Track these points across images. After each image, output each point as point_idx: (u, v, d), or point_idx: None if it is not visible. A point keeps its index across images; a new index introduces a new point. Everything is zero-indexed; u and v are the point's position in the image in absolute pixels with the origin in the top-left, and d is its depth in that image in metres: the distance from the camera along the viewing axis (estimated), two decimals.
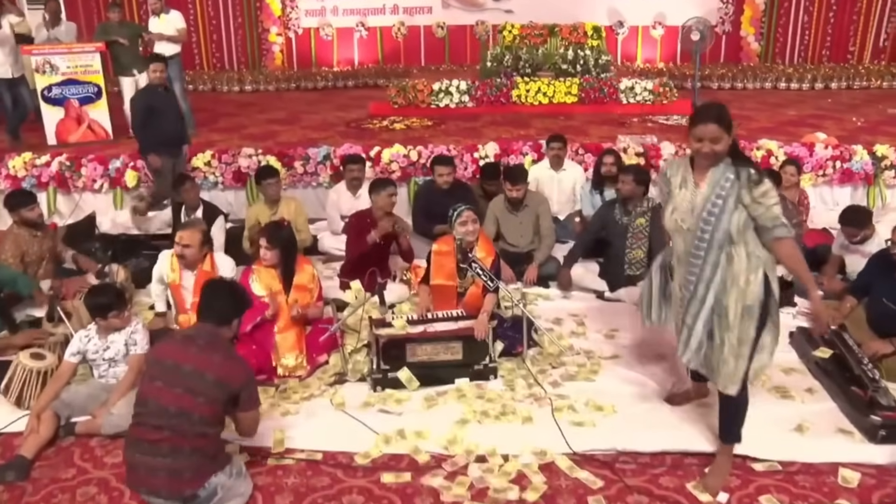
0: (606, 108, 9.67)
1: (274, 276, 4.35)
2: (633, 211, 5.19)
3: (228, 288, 3.32)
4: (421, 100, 9.68)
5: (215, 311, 3.14)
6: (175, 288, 4.50)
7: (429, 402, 3.91)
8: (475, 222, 4.45)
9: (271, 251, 4.29)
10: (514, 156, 7.01)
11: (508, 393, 3.98)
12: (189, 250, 4.36)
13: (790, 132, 8.30)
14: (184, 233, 4.39)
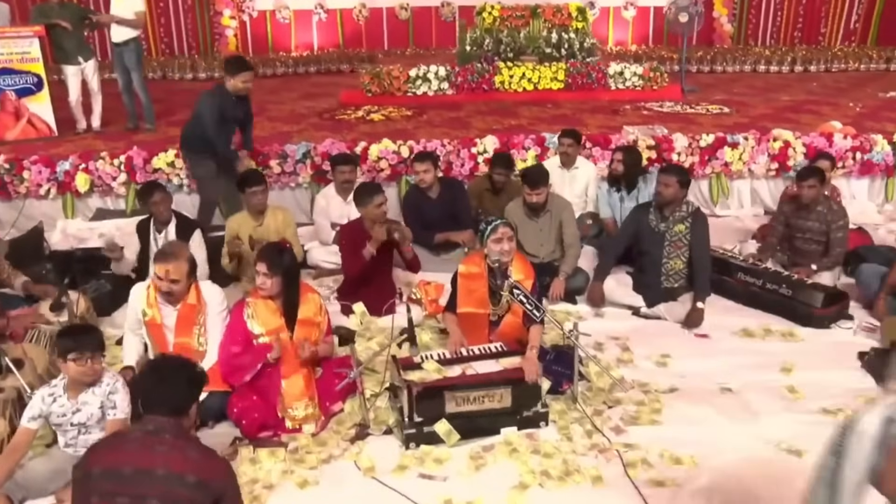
0: (594, 94, 9.10)
1: (274, 309, 3.62)
2: (671, 216, 4.62)
3: (181, 369, 2.53)
4: (397, 87, 8.95)
5: (170, 400, 2.41)
6: (155, 327, 3.70)
7: (475, 460, 3.27)
8: (511, 240, 3.80)
9: (272, 279, 3.56)
10: (516, 150, 6.37)
11: (566, 444, 3.38)
12: (177, 286, 3.58)
13: (791, 119, 7.88)
14: (168, 265, 3.56)
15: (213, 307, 3.69)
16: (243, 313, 3.60)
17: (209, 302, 3.71)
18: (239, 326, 3.57)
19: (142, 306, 3.70)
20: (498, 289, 3.84)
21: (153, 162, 6.30)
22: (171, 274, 3.53)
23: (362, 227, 4.58)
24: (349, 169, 5.38)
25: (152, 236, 4.74)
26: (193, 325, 3.63)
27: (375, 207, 4.51)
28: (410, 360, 3.55)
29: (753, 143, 6.42)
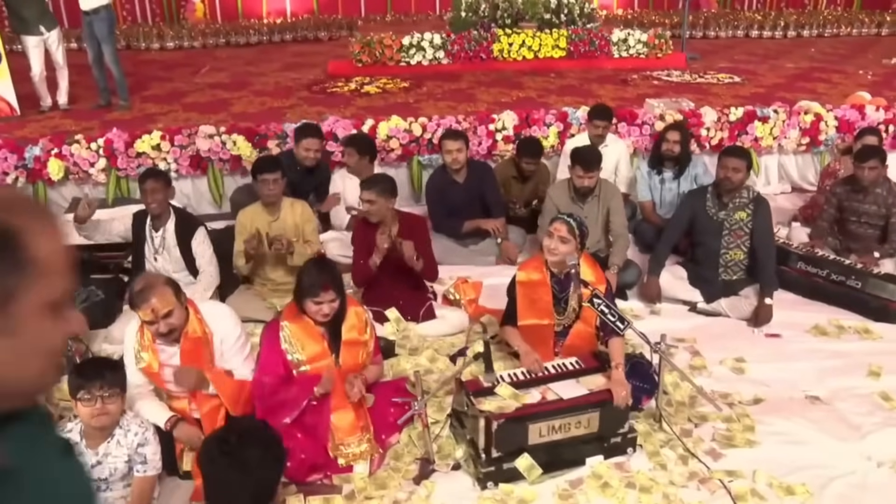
0: (597, 62, 8.65)
1: (315, 331, 3.10)
2: (731, 203, 4.22)
3: (260, 447, 1.99)
4: (389, 57, 8.35)
5: (255, 493, 1.90)
6: (153, 377, 3.00)
7: (564, 499, 2.85)
8: (565, 242, 3.29)
9: (336, 301, 3.03)
10: (538, 127, 5.89)
11: (661, 474, 2.98)
12: (174, 318, 2.87)
13: (806, 88, 7.58)
14: (150, 301, 2.78)
15: (228, 334, 3.08)
16: (279, 339, 3.06)
17: (218, 329, 3.06)
18: (275, 356, 3.04)
19: (134, 352, 3.00)
20: (566, 297, 3.39)
21: (136, 145, 5.64)
22: (159, 309, 2.82)
23: (374, 228, 4.01)
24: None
25: (148, 234, 4.15)
26: (203, 362, 3.02)
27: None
28: (479, 384, 3.09)
29: (784, 116, 6.04)
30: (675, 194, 5.11)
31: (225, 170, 5.76)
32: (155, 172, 4.30)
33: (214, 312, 3.09)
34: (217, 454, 1.93)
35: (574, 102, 6.83)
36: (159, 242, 4.11)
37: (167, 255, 4.11)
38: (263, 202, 4.19)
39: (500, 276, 4.64)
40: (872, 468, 3.03)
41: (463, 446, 3.09)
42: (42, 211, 0.91)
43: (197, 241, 4.07)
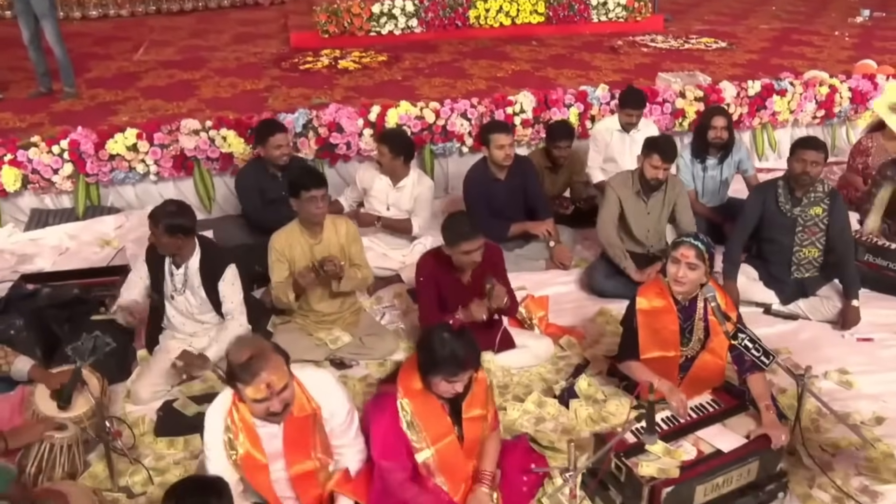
0: (576, 27, 8.27)
1: (438, 406, 2.60)
2: (806, 198, 3.96)
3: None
4: (358, 26, 7.65)
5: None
6: (255, 470, 2.45)
7: None
8: (694, 269, 2.92)
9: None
10: (557, 108, 5.46)
11: None
12: (286, 395, 2.34)
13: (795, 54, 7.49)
14: (266, 373, 2.27)
15: (339, 408, 2.55)
16: (398, 419, 2.55)
17: (327, 403, 2.52)
18: (394, 438, 2.55)
19: (222, 441, 2.43)
20: (691, 326, 3.05)
21: (108, 146, 4.86)
22: (275, 384, 2.29)
23: (447, 264, 3.47)
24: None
25: (167, 271, 3.49)
26: (310, 443, 2.51)
27: (463, 254, 3.36)
28: (619, 437, 2.71)
29: (801, 89, 5.85)
30: (718, 182, 4.84)
31: (213, 169, 5.08)
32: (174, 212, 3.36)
33: (319, 382, 2.56)
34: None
35: (575, 76, 6.47)
36: (181, 281, 3.48)
37: (191, 297, 3.50)
38: (305, 223, 3.57)
39: (555, 285, 4.29)
40: None
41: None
42: None
43: (226, 281, 3.44)
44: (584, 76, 6.49)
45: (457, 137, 5.36)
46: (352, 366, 3.63)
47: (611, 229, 4.18)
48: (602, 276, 4.17)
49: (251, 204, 4.45)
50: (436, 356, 2.45)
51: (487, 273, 3.49)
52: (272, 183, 4.42)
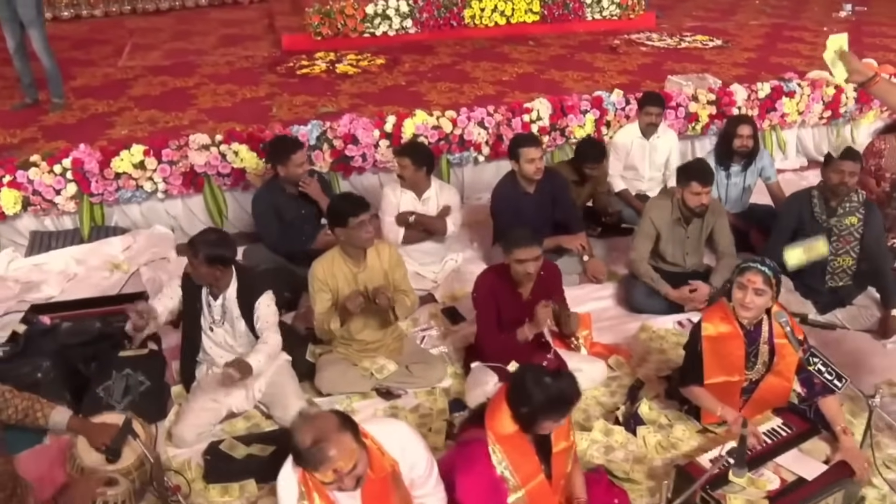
0: (571, 26, 8.19)
1: (527, 445, 2.50)
2: (841, 208, 3.96)
3: None
4: (352, 28, 7.46)
5: None
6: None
7: None
8: (761, 294, 2.90)
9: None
10: (574, 115, 5.39)
11: None
12: (361, 468, 2.17)
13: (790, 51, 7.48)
14: (334, 461, 2.09)
15: (419, 459, 2.40)
16: (491, 465, 2.43)
17: (405, 457, 2.38)
18: (490, 489, 2.44)
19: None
20: (755, 350, 3.00)
21: (113, 164, 4.64)
22: (343, 468, 2.13)
23: (507, 278, 3.43)
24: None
25: (204, 302, 3.34)
26: (391, 501, 2.37)
27: (517, 262, 3.33)
28: (702, 469, 2.66)
29: (808, 90, 5.87)
30: (741, 189, 4.83)
31: (224, 185, 4.89)
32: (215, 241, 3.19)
33: (394, 436, 2.41)
34: None
35: (581, 79, 6.40)
36: (219, 313, 3.33)
37: (230, 329, 3.35)
38: (349, 250, 3.41)
39: (591, 301, 4.23)
40: None
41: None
42: None
43: (262, 304, 3.30)
44: (589, 78, 6.42)
45: (474, 146, 5.26)
46: (400, 395, 3.52)
47: (645, 261, 4.13)
48: (642, 294, 4.11)
49: (270, 228, 4.25)
50: (543, 402, 2.36)
51: (547, 290, 3.46)
52: (290, 203, 4.25)
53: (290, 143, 4.26)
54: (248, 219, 4.98)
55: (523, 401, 2.39)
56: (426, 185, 4.33)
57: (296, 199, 4.25)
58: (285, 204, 4.24)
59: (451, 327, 4.03)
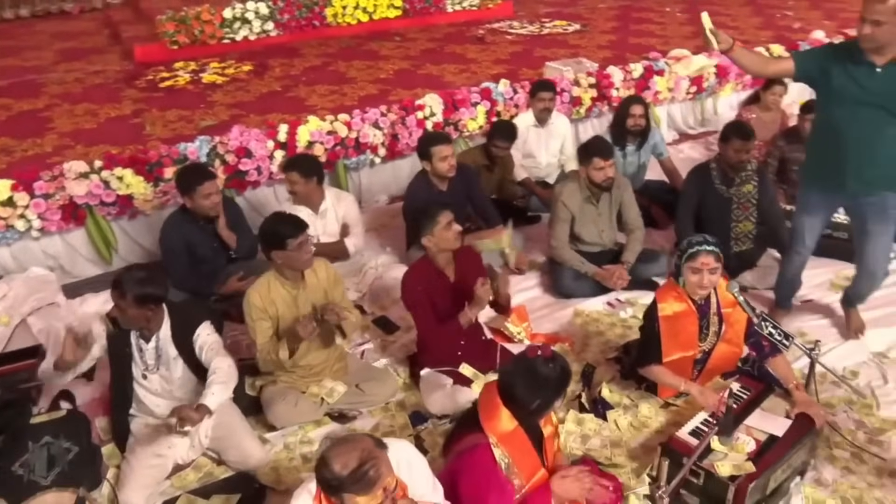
0: (433, 19, 8.20)
1: (526, 440, 2.48)
2: (738, 178, 4.23)
3: None
4: (210, 34, 7.02)
5: None
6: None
7: None
8: (715, 272, 3.03)
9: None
10: (466, 109, 5.38)
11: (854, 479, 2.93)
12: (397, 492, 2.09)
13: (643, 31, 7.89)
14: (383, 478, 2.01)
15: (416, 463, 2.33)
16: (496, 464, 2.39)
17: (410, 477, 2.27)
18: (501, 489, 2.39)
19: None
20: (707, 322, 3.13)
21: None
22: (391, 484, 2.04)
23: (431, 269, 3.41)
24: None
25: (134, 346, 3.02)
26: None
27: (444, 229, 3.34)
28: (684, 443, 2.75)
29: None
30: (637, 167, 5.04)
31: (110, 215, 4.45)
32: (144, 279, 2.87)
33: (401, 454, 2.27)
34: None
35: (458, 71, 6.42)
36: (152, 358, 3.02)
37: (166, 373, 3.05)
38: (287, 273, 3.19)
39: (519, 292, 4.24)
40: None
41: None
42: None
43: (203, 333, 3.04)
44: (466, 70, 6.45)
45: (370, 149, 5.12)
46: (355, 416, 3.36)
47: (566, 246, 4.21)
48: (570, 279, 4.18)
49: (178, 265, 3.87)
50: (554, 386, 2.39)
51: (471, 270, 3.43)
52: (202, 237, 3.91)
53: (195, 172, 3.91)
54: (141, 250, 4.60)
55: (535, 392, 2.38)
56: (320, 197, 4.18)
57: (208, 232, 3.93)
58: (197, 238, 3.89)
59: (388, 338, 3.91)
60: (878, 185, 3.25)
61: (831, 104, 3.21)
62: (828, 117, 3.25)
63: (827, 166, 3.32)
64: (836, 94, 3.15)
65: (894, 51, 3.00)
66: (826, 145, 3.30)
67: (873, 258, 3.46)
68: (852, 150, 3.18)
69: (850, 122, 3.14)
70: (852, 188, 3.29)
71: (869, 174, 3.22)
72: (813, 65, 3.23)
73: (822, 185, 3.41)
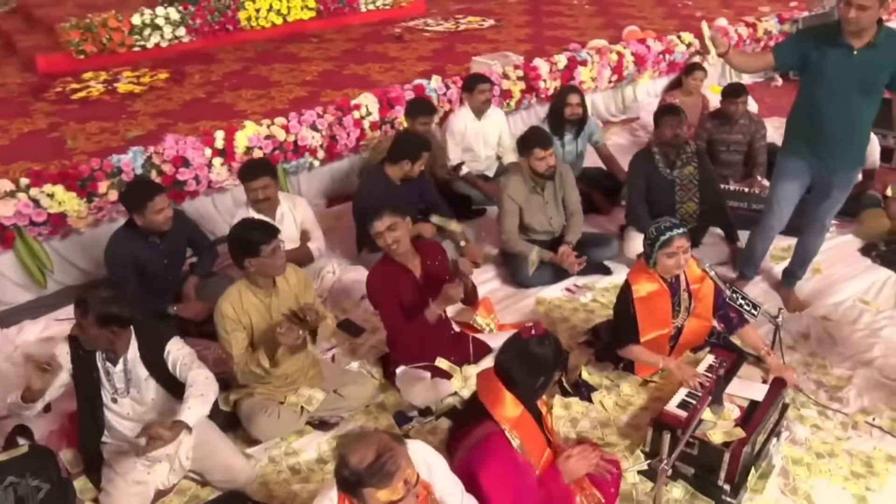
0: (346, 19, 8.12)
1: (533, 422, 2.52)
2: (679, 160, 4.42)
3: None
4: (119, 42, 6.68)
5: None
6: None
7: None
8: (687, 251, 3.17)
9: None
10: (400, 107, 5.35)
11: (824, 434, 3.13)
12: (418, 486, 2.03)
13: (557, 24, 8.10)
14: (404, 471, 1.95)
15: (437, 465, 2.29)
16: (514, 450, 2.40)
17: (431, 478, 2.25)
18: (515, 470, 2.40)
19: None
20: (678, 299, 3.26)
21: None
22: (412, 477, 1.99)
23: (395, 266, 3.36)
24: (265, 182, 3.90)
25: (101, 369, 2.84)
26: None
27: (378, 235, 3.28)
28: (675, 416, 2.85)
29: (598, 58, 6.42)
30: (575, 155, 5.16)
31: (41, 235, 4.17)
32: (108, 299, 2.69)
33: (419, 454, 2.23)
34: None
35: (384, 70, 6.40)
36: (121, 380, 2.85)
37: (137, 395, 2.88)
38: (260, 280, 3.08)
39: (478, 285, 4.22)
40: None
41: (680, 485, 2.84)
42: None
43: (173, 349, 2.89)
44: (392, 68, 6.42)
45: (309, 151, 5.01)
46: (337, 423, 3.29)
47: (518, 237, 4.25)
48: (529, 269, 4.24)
49: (128, 283, 3.62)
50: (552, 363, 2.48)
51: (436, 266, 3.43)
52: (150, 253, 3.69)
53: (144, 187, 3.70)
54: (77, 271, 4.34)
55: (536, 372, 2.45)
56: (277, 201, 4.06)
57: (158, 247, 3.73)
58: (146, 255, 3.67)
59: (356, 341, 3.85)
60: (851, 161, 3.51)
61: (812, 84, 3.43)
62: (809, 95, 3.48)
63: (807, 140, 3.56)
64: (816, 75, 3.38)
65: (870, 35, 3.22)
66: (807, 121, 3.52)
67: (823, 211, 3.72)
68: (830, 127, 3.42)
69: (828, 101, 3.37)
70: (829, 164, 3.53)
71: (844, 151, 3.47)
72: (790, 55, 3.48)
73: (801, 155, 3.62)
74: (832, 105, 3.36)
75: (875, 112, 3.41)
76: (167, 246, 3.75)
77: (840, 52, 3.29)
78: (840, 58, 3.29)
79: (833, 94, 3.34)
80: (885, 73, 3.24)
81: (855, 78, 3.27)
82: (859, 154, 3.50)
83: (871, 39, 3.22)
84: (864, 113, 3.36)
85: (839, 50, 3.29)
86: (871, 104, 3.36)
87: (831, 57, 3.31)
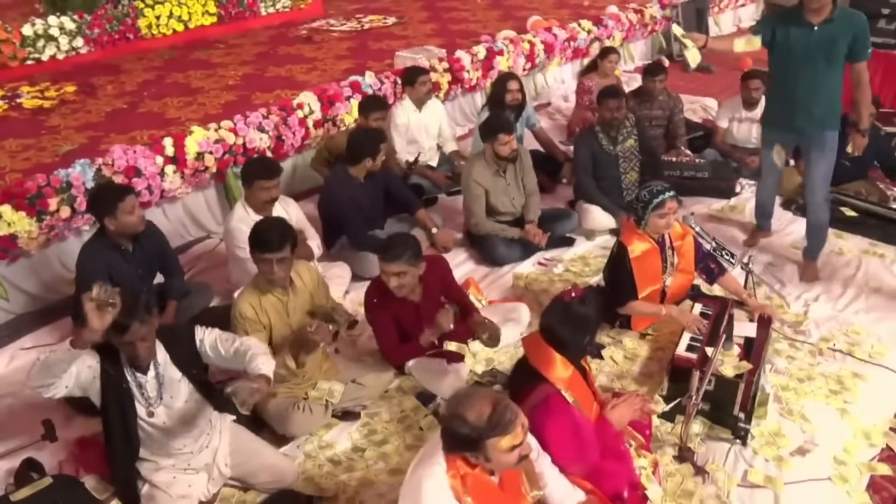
0: (247, 23, 7.97)
1: (584, 383, 2.70)
2: (620, 136, 4.75)
3: None
4: (10, 55, 6.22)
5: None
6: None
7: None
8: (676, 211, 3.49)
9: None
10: (341, 104, 5.37)
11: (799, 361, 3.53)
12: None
13: (461, 18, 8.32)
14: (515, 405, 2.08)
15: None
16: (573, 410, 2.56)
17: None
18: (575, 427, 2.55)
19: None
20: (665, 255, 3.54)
21: None
22: (525, 421, 2.12)
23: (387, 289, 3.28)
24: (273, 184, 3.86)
25: (132, 382, 2.70)
26: (521, 482, 2.32)
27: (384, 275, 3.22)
28: (687, 358, 3.13)
29: (513, 48, 6.70)
30: (516, 139, 5.37)
31: None
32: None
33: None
34: None
35: (308, 71, 6.38)
36: (154, 388, 2.75)
37: (169, 400, 2.78)
38: (273, 284, 3.07)
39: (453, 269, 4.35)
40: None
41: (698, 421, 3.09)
42: None
43: (206, 340, 2.80)
44: (314, 68, 6.39)
45: (258, 153, 4.93)
46: (359, 412, 3.31)
47: (485, 219, 4.43)
48: (503, 247, 4.41)
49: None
50: (591, 320, 2.67)
51: (438, 286, 3.46)
52: (123, 265, 3.53)
53: (112, 190, 3.54)
54: (26, 298, 4.08)
55: (582, 331, 2.61)
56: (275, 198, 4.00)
57: (131, 256, 3.58)
58: (119, 266, 3.51)
59: (353, 332, 3.85)
60: (820, 123, 3.92)
61: (782, 58, 3.89)
62: (781, 69, 3.93)
63: (781, 109, 4.00)
64: (785, 49, 3.85)
65: (827, 12, 3.69)
66: (780, 92, 3.98)
67: (813, 181, 4.08)
68: (799, 93, 3.86)
69: (796, 72, 3.83)
70: (800, 125, 3.94)
71: (813, 112, 3.88)
72: (767, 32, 3.94)
73: (779, 125, 4.07)
74: (799, 74, 3.82)
75: (839, 79, 3.87)
76: (141, 254, 3.62)
77: (802, 29, 3.75)
78: (803, 33, 3.76)
79: (799, 65, 3.81)
80: (842, 43, 3.71)
81: (817, 49, 3.73)
82: (830, 117, 3.92)
83: (828, 16, 3.69)
84: (827, 78, 3.81)
85: (801, 27, 3.76)
86: (833, 71, 3.81)
87: (794, 33, 3.79)
